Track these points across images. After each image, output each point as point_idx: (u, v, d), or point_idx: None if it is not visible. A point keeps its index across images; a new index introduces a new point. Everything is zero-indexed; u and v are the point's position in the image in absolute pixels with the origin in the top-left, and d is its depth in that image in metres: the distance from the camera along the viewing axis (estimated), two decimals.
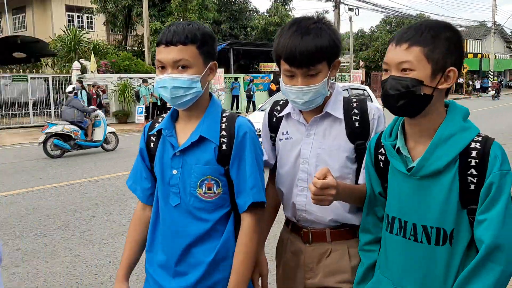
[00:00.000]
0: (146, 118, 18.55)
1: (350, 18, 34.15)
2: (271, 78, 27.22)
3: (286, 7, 34.94)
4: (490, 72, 44.05)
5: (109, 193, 7.39)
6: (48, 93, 19.12)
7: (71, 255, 4.81)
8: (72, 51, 20.78)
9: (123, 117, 19.86)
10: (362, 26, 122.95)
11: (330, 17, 36.01)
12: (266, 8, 38.70)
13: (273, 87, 26.38)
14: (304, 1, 74.09)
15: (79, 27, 26.10)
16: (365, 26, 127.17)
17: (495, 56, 47.51)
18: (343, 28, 57.93)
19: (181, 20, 22.48)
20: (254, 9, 36.07)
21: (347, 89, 10.24)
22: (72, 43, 20.76)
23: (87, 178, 8.63)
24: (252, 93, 24.51)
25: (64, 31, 22.43)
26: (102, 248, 5.02)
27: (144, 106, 18.30)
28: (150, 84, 18.92)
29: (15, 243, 5.18)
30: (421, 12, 48.52)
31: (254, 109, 24.61)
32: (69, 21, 31.32)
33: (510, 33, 60.89)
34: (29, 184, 8.08)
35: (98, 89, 18.18)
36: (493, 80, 41.15)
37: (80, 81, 15.93)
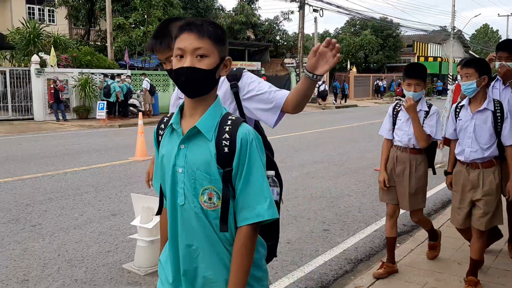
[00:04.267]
0: (108, 114, 18.31)
1: (315, 19, 34.60)
2: None
3: (252, 6, 35.07)
4: (449, 76, 45.42)
5: (64, 188, 7.31)
6: (5, 87, 18.60)
7: (20, 249, 4.75)
8: (31, 44, 20.27)
9: (84, 112, 19.51)
10: (327, 28, 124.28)
11: (295, 17, 36.36)
12: (232, 7, 38.71)
13: None
14: (269, 0, 74.60)
15: (39, 20, 25.42)
16: (331, 27, 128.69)
17: (454, 60, 49.05)
18: (308, 29, 58.57)
19: (145, 16, 22.30)
20: (220, 7, 36.02)
21: None
22: (31, 36, 20.25)
23: (41, 173, 8.48)
24: None
25: (23, 24, 21.84)
26: (52, 241, 4.98)
27: (105, 102, 18.06)
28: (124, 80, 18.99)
29: None
30: (384, 15, 49.57)
31: None
32: (29, 13, 30.48)
33: (468, 38, 62.95)
34: None
35: (56, 84, 17.85)
36: (451, 83, 42.39)
37: None
